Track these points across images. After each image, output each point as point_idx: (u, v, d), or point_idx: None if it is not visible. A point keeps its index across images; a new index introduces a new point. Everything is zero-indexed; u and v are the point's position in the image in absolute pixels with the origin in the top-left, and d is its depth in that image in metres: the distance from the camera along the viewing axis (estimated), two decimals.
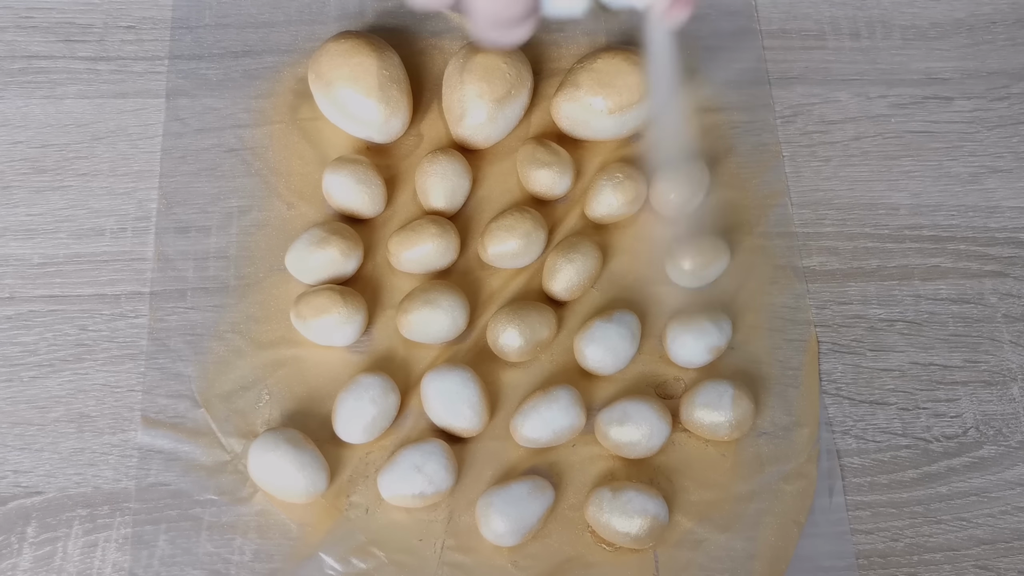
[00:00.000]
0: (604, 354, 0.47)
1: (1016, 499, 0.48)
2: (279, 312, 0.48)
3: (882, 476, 0.48)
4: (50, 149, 0.51)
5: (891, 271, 0.52)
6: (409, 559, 0.44)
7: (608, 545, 0.45)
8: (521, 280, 0.50)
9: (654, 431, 0.45)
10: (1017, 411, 0.50)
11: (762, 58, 0.56)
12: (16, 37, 0.53)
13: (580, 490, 0.46)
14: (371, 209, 0.49)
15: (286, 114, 0.52)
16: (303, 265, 0.47)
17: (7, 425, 0.46)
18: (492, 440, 0.47)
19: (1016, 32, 0.58)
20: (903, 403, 0.49)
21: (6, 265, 0.49)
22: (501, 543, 0.44)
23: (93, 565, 0.43)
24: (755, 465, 0.47)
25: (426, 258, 0.48)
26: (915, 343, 0.51)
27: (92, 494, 0.45)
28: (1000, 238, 0.53)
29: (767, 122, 0.55)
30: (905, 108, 0.56)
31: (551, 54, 0.55)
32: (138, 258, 0.49)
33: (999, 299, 0.52)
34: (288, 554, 0.44)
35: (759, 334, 0.50)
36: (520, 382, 0.48)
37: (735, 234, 0.52)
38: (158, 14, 0.55)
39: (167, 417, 0.46)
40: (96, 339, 0.47)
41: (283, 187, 0.51)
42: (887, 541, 0.46)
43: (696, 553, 0.45)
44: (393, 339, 0.48)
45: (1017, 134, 0.56)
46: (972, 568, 0.46)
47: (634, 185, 0.50)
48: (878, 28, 0.58)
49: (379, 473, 0.44)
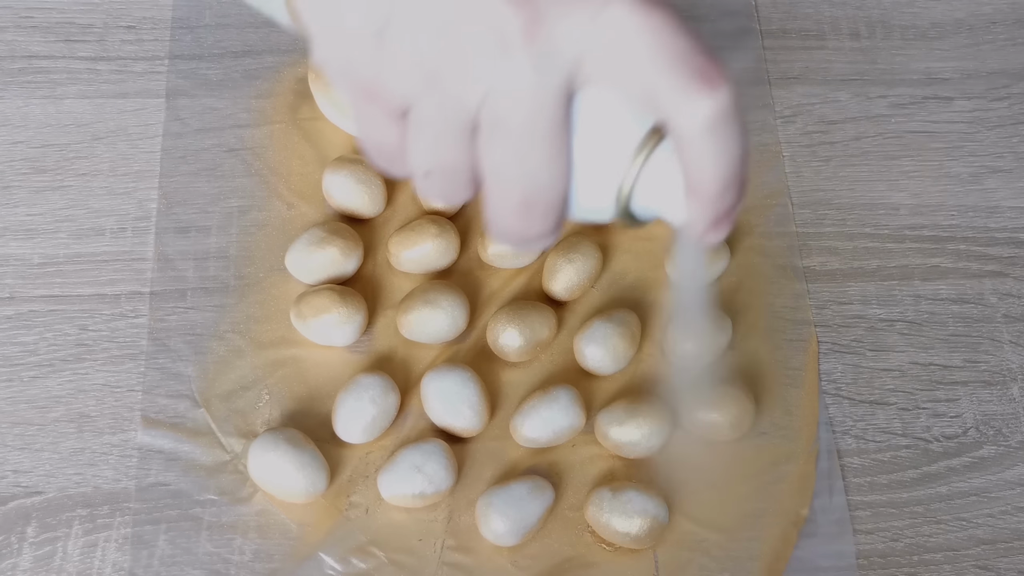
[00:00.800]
0: (604, 354, 0.47)
1: (1016, 499, 0.48)
2: (279, 312, 0.48)
3: (882, 476, 0.48)
4: (50, 149, 0.51)
5: (891, 271, 0.52)
6: (409, 559, 0.44)
7: (608, 545, 0.45)
8: (521, 280, 0.50)
9: (654, 431, 0.45)
10: (1017, 411, 0.50)
11: (762, 58, 0.56)
12: (16, 37, 0.53)
13: (580, 490, 0.46)
14: (371, 209, 0.49)
15: (286, 114, 0.52)
16: (303, 265, 0.47)
17: (7, 425, 0.46)
18: (492, 440, 0.47)
19: (1016, 32, 0.58)
20: (903, 403, 0.49)
21: (6, 265, 0.49)
22: (501, 543, 0.44)
23: (93, 565, 0.43)
24: (755, 465, 0.47)
25: (426, 258, 0.48)
26: (915, 343, 0.51)
27: (92, 494, 0.45)
28: (1000, 238, 0.53)
29: (767, 122, 0.55)
30: (905, 108, 0.56)
31: None
32: (138, 258, 0.49)
33: (999, 299, 0.52)
34: (288, 554, 0.44)
35: (759, 334, 0.50)
36: (520, 382, 0.48)
37: (735, 234, 0.52)
38: (158, 14, 0.54)
39: (167, 417, 0.46)
40: (96, 339, 0.47)
41: (283, 187, 0.51)
42: (887, 541, 0.46)
43: (696, 553, 0.45)
44: (393, 339, 0.48)
45: (1017, 134, 0.56)
46: (972, 568, 0.46)
47: None
48: (878, 28, 0.58)
49: (379, 473, 0.44)
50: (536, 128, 0.26)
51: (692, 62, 0.25)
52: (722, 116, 0.25)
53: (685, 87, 0.25)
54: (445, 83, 0.26)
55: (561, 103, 0.26)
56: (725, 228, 0.28)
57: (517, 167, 0.27)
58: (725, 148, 0.26)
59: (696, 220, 0.27)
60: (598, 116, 0.27)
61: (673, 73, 0.25)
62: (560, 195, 0.28)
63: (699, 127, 0.25)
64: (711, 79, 0.25)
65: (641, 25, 0.25)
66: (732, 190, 0.27)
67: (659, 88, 0.25)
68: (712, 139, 0.25)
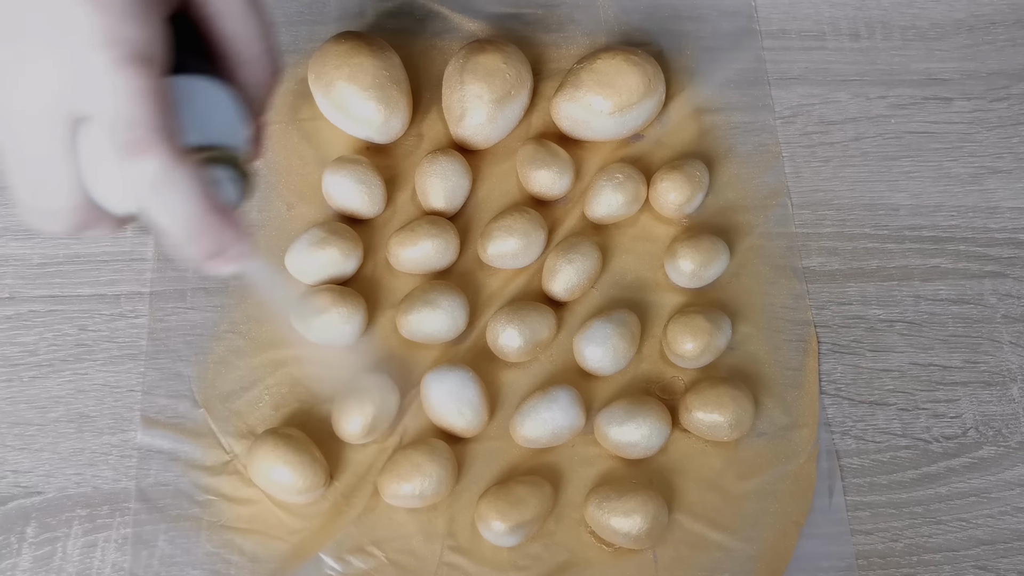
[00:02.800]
0: (604, 354, 0.47)
1: (1016, 499, 0.48)
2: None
3: (882, 476, 0.48)
4: None
5: (891, 271, 0.52)
6: (409, 559, 0.44)
7: (608, 545, 0.45)
8: (521, 280, 0.50)
9: (654, 431, 0.45)
10: (1017, 411, 0.50)
11: (762, 58, 0.56)
12: None
13: (580, 490, 0.46)
14: (371, 209, 0.49)
15: (286, 114, 0.52)
16: (303, 265, 0.47)
17: (7, 425, 0.46)
18: (492, 440, 0.47)
19: (1016, 32, 0.58)
20: (903, 403, 0.49)
21: (6, 265, 0.49)
22: (501, 543, 0.44)
23: (93, 565, 0.43)
24: (755, 465, 0.47)
25: (426, 258, 0.48)
26: (915, 343, 0.51)
27: (92, 494, 0.45)
28: (1000, 238, 0.53)
29: (767, 122, 0.55)
30: (905, 108, 0.56)
31: (551, 54, 0.55)
32: (138, 258, 0.49)
33: (999, 299, 0.52)
34: (288, 554, 0.44)
35: (759, 334, 0.50)
36: (520, 382, 0.48)
37: (735, 234, 0.52)
38: None
39: (167, 417, 0.46)
40: (96, 339, 0.47)
41: (283, 187, 0.51)
42: (887, 541, 0.46)
43: (696, 553, 0.45)
44: (393, 339, 0.48)
45: (1017, 135, 0.56)
46: (972, 568, 0.46)
47: (634, 185, 0.50)
48: (878, 28, 0.58)
49: (379, 473, 0.44)
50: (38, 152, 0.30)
51: (127, 132, 0.29)
52: (159, 182, 0.29)
53: (120, 152, 0.29)
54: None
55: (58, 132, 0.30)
56: (226, 264, 0.32)
57: (29, 182, 0.31)
58: (170, 208, 0.30)
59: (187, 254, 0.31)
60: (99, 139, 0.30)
61: (112, 137, 0.29)
62: (73, 202, 0.31)
63: (142, 187, 0.29)
64: (141, 150, 0.29)
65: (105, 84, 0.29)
66: (205, 239, 0.31)
67: (112, 144, 0.29)
68: (155, 198, 0.29)
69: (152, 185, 0.29)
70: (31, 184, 0.31)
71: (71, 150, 0.30)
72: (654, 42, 0.56)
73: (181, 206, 0.30)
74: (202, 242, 0.31)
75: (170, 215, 0.30)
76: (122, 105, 0.29)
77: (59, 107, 0.30)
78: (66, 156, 0.30)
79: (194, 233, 0.30)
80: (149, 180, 0.29)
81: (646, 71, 0.50)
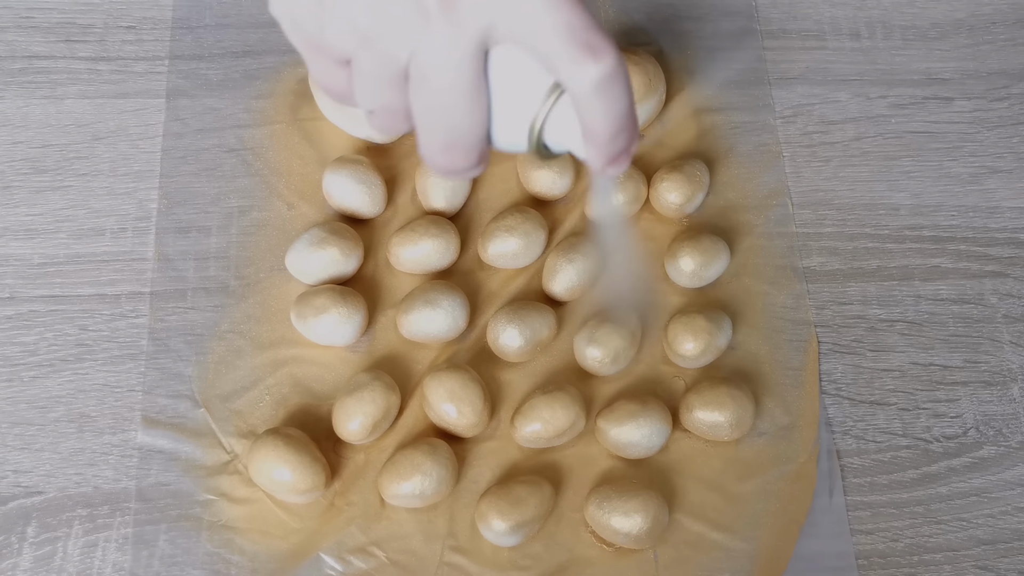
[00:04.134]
0: (604, 354, 0.47)
1: (1016, 499, 0.48)
2: (279, 312, 0.48)
3: (882, 476, 0.48)
4: (50, 149, 0.51)
5: (891, 271, 0.52)
6: (409, 559, 0.44)
7: (608, 545, 0.45)
8: (521, 280, 0.50)
9: (654, 431, 0.45)
10: (1017, 411, 0.50)
11: (762, 58, 0.56)
12: (17, 37, 0.53)
13: (580, 490, 0.46)
14: (371, 209, 0.49)
15: (286, 114, 0.52)
16: (303, 265, 0.47)
17: (7, 425, 0.46)
18: (492, 440, 0.47)
19: (1016, 32, 0.58)
20: (903, 403, 0.49)
21: (6, 265, 0.49)
22: (501, 543, 0.44)
23: (93, 565, 0.43)
24: (755, 465, 0.47)
25: (426, 258, 0.48)
26: (915, 343, 0.51)
27: (92, 494, 0.45)
28: (1000, 238, 0.53)
29: (767, 122, 0.55)
30: (905, 108, 0.56)
31: None
32: (138, 258, 0.49)
33: (999, 299, 0.52)
34: (288, 554, 0.44)
35: (759, 334, 0.50)
36: (520, 382, 0.48)
37: (735, 234, 0.52)
38: (158, 14, 0.55)
39: (167, 417, 0.46)
40: (96, 339, 0.47)
41: (283, 187, 0.51)
42: (887, 541, 0.46)
43: (696, 553, 0.45)
44: (393, 339, 0.48)
45: (1017, 134, 0.56)
46: (972, 568, 0.46)
47: (634, 185, 0.50)
48: (878, 28, 0.58)
49: (379, 473, 0.44)
50: (454, 83, 0.30)
51: (582, 36, 0.29)
52: (607, 81, 0.30)
53: (575, 57, 0.29)
54: (376, 44, 0.30)
55: (475, 62, 0.30)
56: (622, 165, 0.32)
57: (440, 115, 0.31)
58: (611, 106, 0.30)
59: (593, 160, 0.32)
60: (512, 68, 0.31)
61: (566, 44, 0.29)
62: (478, 137, 0.32)
63: (587, 89, 0.30)
64: (597, 50, 0.29)
65: (539, 1, 0.29)
66: (622, 136, 0.31)
67: (554, 55, 0.30)
68: (599, 98, 0.30)
69: (598, 86, 0.30)
70: (441, 117, 0.31)
71: (484, 79, 0.31)
72: (654, 42, 0.56)
73: (622, 101, 0.30)
74: (625, 138, 0.31)
75: (608, 114, 0.30)
76: (564, 15, 0.29)
77: (477, 35, 0.30)
78: (481, 85, 0.31)
79: (624, 128, 0.31)
80: (595, 82, 0.29)
81: (646, 71, 0.50)
